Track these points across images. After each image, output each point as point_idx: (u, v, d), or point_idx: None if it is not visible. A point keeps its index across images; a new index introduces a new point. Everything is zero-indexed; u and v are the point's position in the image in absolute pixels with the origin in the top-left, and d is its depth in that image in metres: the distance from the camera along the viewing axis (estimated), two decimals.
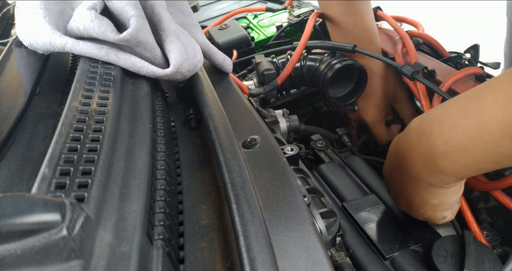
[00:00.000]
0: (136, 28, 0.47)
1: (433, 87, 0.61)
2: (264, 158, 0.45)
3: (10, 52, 0.53)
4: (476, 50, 0.70)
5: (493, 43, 1.29)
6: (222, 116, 0.46)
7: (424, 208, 0.48)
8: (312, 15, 0.80)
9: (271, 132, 0.51)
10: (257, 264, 0.27)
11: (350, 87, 0.78)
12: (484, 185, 0.53)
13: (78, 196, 0.29)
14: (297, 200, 0.38)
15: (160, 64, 0.52)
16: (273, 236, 0.35)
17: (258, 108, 0.67)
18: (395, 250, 0.50)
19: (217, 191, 0.42)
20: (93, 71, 0.46)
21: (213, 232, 0.37)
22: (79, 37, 0.49)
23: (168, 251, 0.32)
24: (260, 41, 1.00)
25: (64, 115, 0.37)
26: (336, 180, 0.65)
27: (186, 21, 0.62)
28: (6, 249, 0.21)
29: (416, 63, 0.67)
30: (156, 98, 0.54)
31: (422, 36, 0.79)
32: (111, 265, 0.24)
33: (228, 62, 0.64)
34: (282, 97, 0.89)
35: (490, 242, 0.55)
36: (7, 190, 0.40)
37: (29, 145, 0.45)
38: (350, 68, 0.74)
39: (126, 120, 0.41)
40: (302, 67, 0.78)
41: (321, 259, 0.33)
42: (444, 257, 0.46)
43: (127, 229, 0.28)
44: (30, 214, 0.22)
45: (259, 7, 1.13)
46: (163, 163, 0.41)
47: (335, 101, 0.78)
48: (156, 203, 0.35)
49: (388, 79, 0.77)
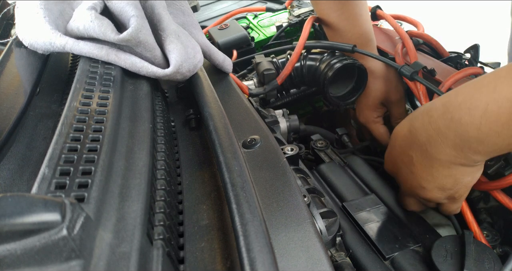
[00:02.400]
0: (136, 28, 0.47)
1: (433, 88, 0.61)
2: (264, 158, 0.45)
3: (10, 52, 0.53)
4: (476, 50, 0.70)
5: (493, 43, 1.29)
6: (222, 116, 0.46)
7: (455, 187, 0.49)
8: (309, 19, 0.80)
9: (271, 132, 0.51)
10: (257, 264, 0.27)
11: (350, 86, 0.78)
12: (484, 185, 0.53)
13: (78, 196, 0.29)
14: (297, 200, 0.38)
15: (160, 64, 0.52)
16: (273, 236, 0.35)
17: (258, 108, 0.67)
18: (395, 250, 0.50)
19: (217, 191, 0.42)
20: (93, 71, 0.46)
21: (213, 232, 0.37)
22: (79, 37, 0.49)
23: (168, 251, 0.32)
24: (260, 41, 1.00)
25: (64, 115, 0.37)
26: (336, 180, 0.65)
27: (186, 21, 0.62)
28: (6, 249, 0.21)
29: (415, 63, 0.67)
30: (156, 98, 0.54)
31: (422, 36, 0.79)
32: (111, 265, 0.24)
33: (228, 62, 0.64)
34: (282, 97, 0.89)
35: (490, 242, 0.55)
36: (7, 190, 0.40)
37: (29, 145, 0.45)
38: (350, 68, 0.74)
39: (126, 120, 0.41)
40: (302, 67, 0.78)
41: (321, 259, 0.33)
42: (444, 257, 0.47)
43: (127, 229, 0.28)
44: (30, 214, 0.22)
45: (259, 7, 1.13)
46: (163, 163, 0.41)
47: (335, 100, 0.78)
48: (156, 203, 0.35)
49: (383, 80, 0.77)
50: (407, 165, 0.52)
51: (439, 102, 0.47)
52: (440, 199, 0.52)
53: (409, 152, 0.50)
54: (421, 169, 0.50)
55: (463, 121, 0.42)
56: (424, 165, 0.49)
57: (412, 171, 0.51)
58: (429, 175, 0.49)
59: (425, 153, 0.48)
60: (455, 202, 0.53)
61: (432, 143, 0.46)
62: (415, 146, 0.49)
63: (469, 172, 0.47)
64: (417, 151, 0.49)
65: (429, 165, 0.48)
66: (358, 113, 0.82)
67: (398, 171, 0.55)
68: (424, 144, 0.48)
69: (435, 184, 0.50)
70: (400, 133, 0.53)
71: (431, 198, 0.52)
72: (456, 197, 0.51)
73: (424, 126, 0.47)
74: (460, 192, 0.51)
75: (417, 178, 0.51)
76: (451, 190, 0.50)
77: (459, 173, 0.47)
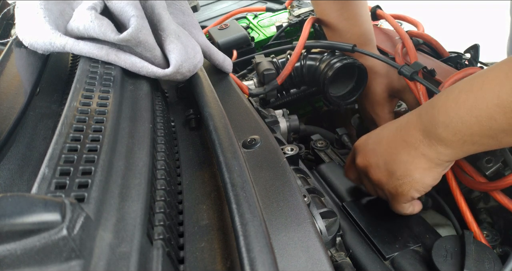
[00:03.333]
0: (136, 28, 0.47)
1: (432, 88, 0.61)
2: (264, 158, 0.45)
3: (10, 52, 0.53)
4: (476, 50, 0.70)
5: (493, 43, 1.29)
6: (222, 116, 0.46)
7: (403, 179, 0.50)
8: (308, 19, 0.80)
9: (271, 132, 0.51)
10: (257, 264, 0.27)
11: (350, 86, 0.78)
12: (484, 185, 0.53)
13: (78, 196, 0.29)
14: (297, 200, 0.38)
15: (160, 64, 0.52)
16: (273, 236, 0.35)
17: (258, 108, 0.67)
18: (395, 250, 0.50)
19: (217, 191, 0.42)
20: (93, 71, 0.46)
21: (213, 232, 0.37)
22: (79, 37, 0.49)
23: (168, 251, 0.32)
24: (260, 41, 1.00)
25: (64, 115, 0.37)
26: (336, 180, 0.65)
27: (186, 21, 0.62)
28: (6, 249, 0.21)
29: (415, 63, 0.66)
30: (156, 98, 0.54)
31: (422, 36, 0.79)
32: (111, 265, 0.24)
33: (228, 62, 0.64)
34: (282, 97, 0.89)
35: (490, 242, 0.55)
36: (7, 190, 0.40)
37: (29, 145, 0.45)
38: (350, 67, 0.74)
39: (126, 121, 0.41)
40: (302, 66, 0.78)
41: (321, 259, 0.33)
42: (444, 257, 0.47)
43: (127, 229, 0.28)
44: (30, 214, 0.22)
45: (259, 7, 1.13)
46: (163, 163, 0.41)
47: (335, 100, 0.78)
48: (156, 203, 0.35)
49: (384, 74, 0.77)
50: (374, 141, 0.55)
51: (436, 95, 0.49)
52: (383, 184, 0.52)
53: (384, 130, 0.54)
54: (384, 147, 0.52)
55: (436, 106, 0.46)
56: (389, 144, 0.51)
57: (375, 148, 0.54)
58: (388, 154, 0.51)
59: (396, 133, 0.51)
60: (394, 198, 0.53)
61: (407, 126, 0.50)
62: (390, 127, 0.53)
63: (423, 168, 0.48)
64: (390, 130, 0.53)
65: (393, 146, 0.51)
66: (371, 112, 0.81)
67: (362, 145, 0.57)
68: (399, 127, 0.51)
69: (386, 166, 0.51)
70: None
71: (374, 177, 0.53)
72: (395, 193, 0.51)
73: (410, 113, 0.51)
74: (403, 188, 0.50)
75: (376, 155, 0.53)
76: (397, 180, 0.50)
77: (414, 164, 0.48)
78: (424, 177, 0.49)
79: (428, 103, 0.48)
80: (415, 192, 0.51)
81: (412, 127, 0.49)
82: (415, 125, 0.48)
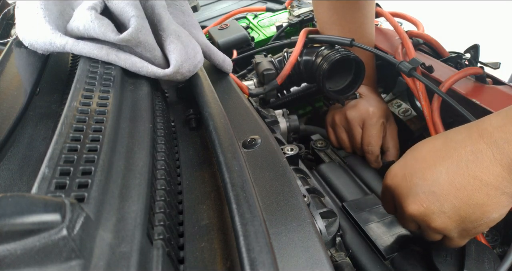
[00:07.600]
0: (136, 29, 0.47)
1: (432, 87, 0.60)
2: (264, 158, 0.45)
3: (10, 52, 0.53)
4: (476, 50, 0.70)
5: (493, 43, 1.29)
6: (222, 116, 0.46)
7: (479, 221, 0.41)
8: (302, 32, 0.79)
9: (271, 132, 0.51)
10: (257, 264, 0.27)
11: (349, 79, 0.77)
12: None
13: (78, 196, 0.29)
14: (297, 200, 0.38)
15: (160, 64, 0.52)
16: (273, 236, 0.35)
17: (258, 108, 0.67)
18: (395, 250, 0.50)
19: (217, 191, 0.42)
20: (93, 71, 0.46)
21: (213, 232, 0.37)
22: (79, 37, 0.49)
23: (168, 251, 0.32)
24: (260, 41, 1.00)
25: (64, 115, 0.37)
26: (336, 180, 0.65)
27: (186, 21, 0.62)
28: (6, 249, 0.21)
29: (413, 59, 0.66)
30: (156, 98, 0.54)
31: (422, 36, 0.79)
32: (111, 265, 0.24)
33: (228, 62, 0.64)
34: (282, 97, 0.89)
35: (490, 242, 0.55)
36: (7, 190, 0.40)
37: (29, 145, 0.45)
38: (346, 60, 0.73)
39: (126, 121, 0.41)
40: (299, 63, 0.78)
41: (321, 259, 0.33)
42: (444, 257, 0.47)
43: (127, 229, 0.28)
44: (30, 214, 0.22)
45: (259, 7, 1.13)
46: (163, 163, 0.41)
47: (333, 94, 0.77)
48: (156, 203, 0.35)
49: None
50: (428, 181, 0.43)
51: (494, 116, 0.41)
52: (451, 231, 0.43)
53: (439, 167, 0.42)
54: (447, 188, 0.42)
55: None
56: (453, 185, 0.41)
57: (433, 190, 0.42)
58: (456, 198, 0.41)
59: (459, 170, 0.41)
60: (465, 238, 0.45)
61: (477, 160, 0.39)
62: (449, 161, 0.42)
63: (503, 206, 0.40)
64: (450, 166, 0.41)
65: (461, 186, 0.41)
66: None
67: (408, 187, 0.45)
68: (463, 160, 0.40)
69: (456, 211, 0.41)
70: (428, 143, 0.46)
71: (440, 227, 0.43)
72: (471, 234, 0.44)
73: (472, 139, 0.40)
74: (477, 230, 0.43)
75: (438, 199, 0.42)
76: (470, 223, 0.41)
77: (493, 205, 0.40)
78: (502, 215, 0.41)
79: (502, 128, 0.38)
80: (485, 229, 0.44)
81: (487, 161, 0.39)
82: (495, 158, 0.38)
